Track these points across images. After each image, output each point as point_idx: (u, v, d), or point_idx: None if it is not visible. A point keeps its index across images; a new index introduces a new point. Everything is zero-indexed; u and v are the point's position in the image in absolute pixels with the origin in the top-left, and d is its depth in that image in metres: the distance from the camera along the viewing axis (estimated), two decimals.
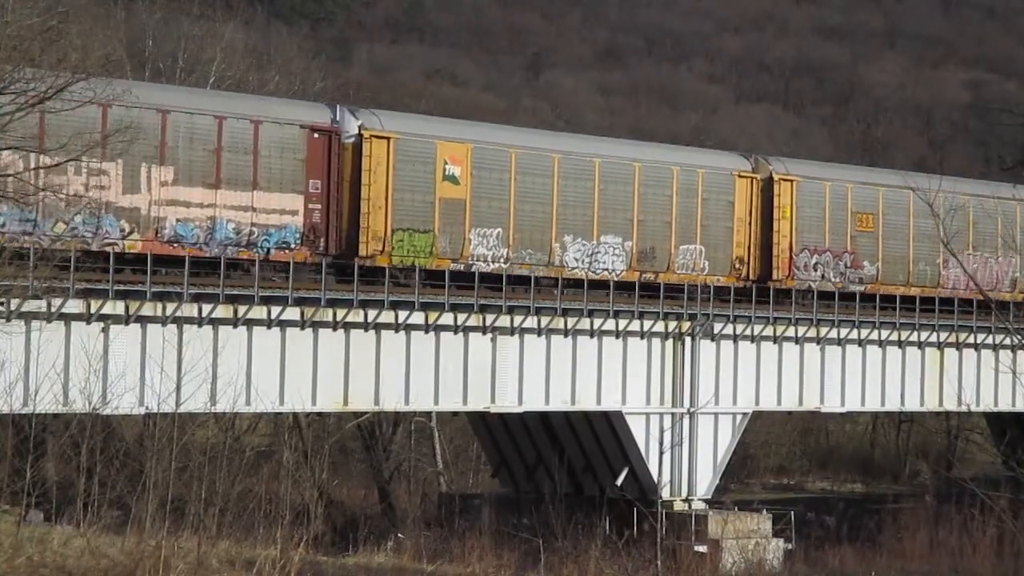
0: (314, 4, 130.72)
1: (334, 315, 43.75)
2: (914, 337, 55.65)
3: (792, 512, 52.28)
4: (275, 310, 42.66)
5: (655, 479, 50.13)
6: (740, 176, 52.56)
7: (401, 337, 45.26)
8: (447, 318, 45.68)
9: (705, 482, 51.36)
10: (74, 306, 39.45)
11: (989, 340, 56.75)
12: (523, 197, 47.21)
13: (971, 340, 56.75)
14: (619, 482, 50.77)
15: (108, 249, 39.90)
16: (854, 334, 54.26)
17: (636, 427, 50.07)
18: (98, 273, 40.03)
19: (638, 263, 49.58)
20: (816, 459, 79.14)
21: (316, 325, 43.67)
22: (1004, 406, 58.65)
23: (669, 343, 50.76)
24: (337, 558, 43.31)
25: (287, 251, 42.98)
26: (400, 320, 44.94)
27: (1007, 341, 55.92)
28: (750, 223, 52.37)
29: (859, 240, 54.91)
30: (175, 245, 41.31)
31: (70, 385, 39.33)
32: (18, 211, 37.67)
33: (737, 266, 51.88)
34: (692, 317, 50.51)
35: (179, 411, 38.02)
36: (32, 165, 37.65)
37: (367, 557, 44.55)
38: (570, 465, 52.01)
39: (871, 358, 55.04)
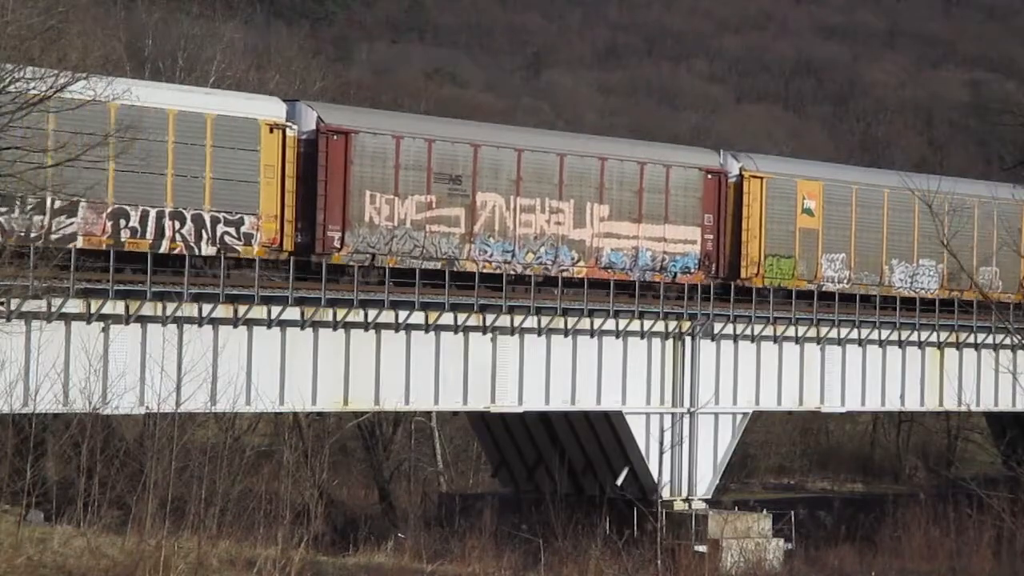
0: (314, 4, 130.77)
1: (334, 315, 43.75)
2: (914, 337, 55.68)
3: (792, 512, 52.33)
4: (275, 310, 42.62)
5: (655, 479, 50.16)
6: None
7: (401, 337, 45.24)
8: (447, 318, 45.70)
9: (705, 482, 51.37)
10: (74, 306, 39.38)
11: (989, 340, 56.79)
12: (861, 227, 54.50)
13: (971, 340, 56.79)
14: (619, 482, 50.79)
15: (563, 275, 47.93)
16: (854, 334, 54.27)
17: (636, 427, 50.06)
18: (98, 273, 40.05)
19: (948, 282, 56.31)
20: (816, 459, 79.17)
21: (316, 325, 43.65)
22: (1004, 406, 58.70)
23: (669, 343, 50.79)
24: (337, 558, 43.37)
25: (688, 275, 50.62)
26: (400, 320, 44.95)
27: (1007, 341, 55.95)
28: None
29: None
30: (608, 271, 48.97)
31: (70, 385, 39.32)
32: (501, 242, 46.51)
33: None
34: (692, 317, 50.56)
35: (179, 411, 38.17)
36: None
37: (367, 557, 44.60)
38: (570, 465, 52.03)
39: (871, 358, 55.05)
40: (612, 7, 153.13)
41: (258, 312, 42.44)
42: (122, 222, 40.15)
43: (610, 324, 49.08)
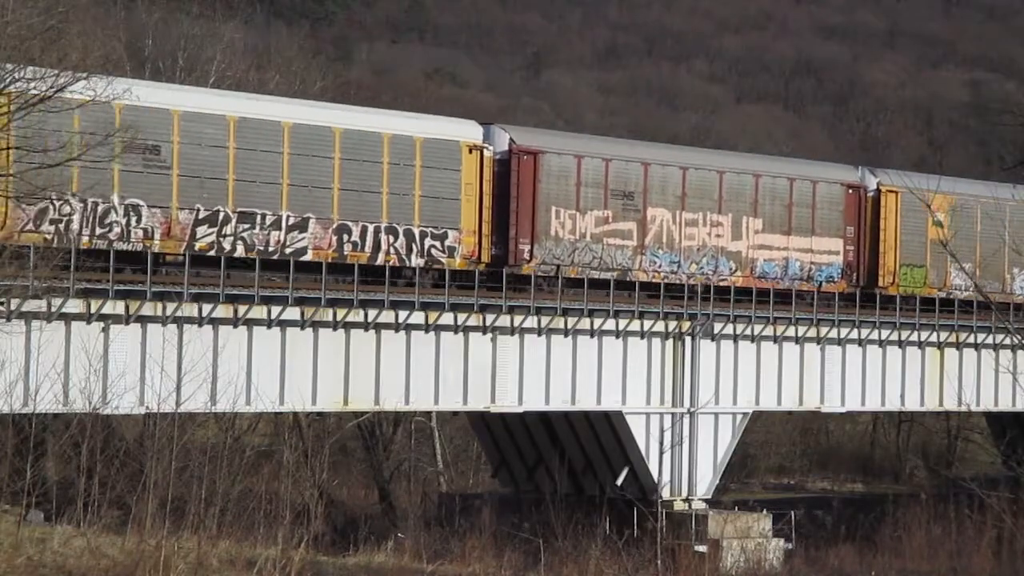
0: (314, 4, 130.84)
1: (334, 315, 43.82)
2: (914, 337, 55.74)
3: (792, 512, 52.39)
4: (275, 310, 42.68)
5: (655, 479, 50.21)
6: None
7: (401, 337, 45.30)
8: (447, 318, 45.75)
9: (705, 482, 51.43)
10: (74, 306, 39.43)
11: (989, 340, 56.86)
12: (984, 238, 57.32)
13: (971, 340, 56.86)
14: (619, 482, 50.85)
15: (724, 284, 51.14)
16: (854, 334, 54.33)
17: (636, 427, 50.11)
18: (98, 273, 40.12)
19: None
20: (816, 459, 79.20)
21: (316, 325, 43.71)
22: (1004, 406, 58.77)
23: (669, 343, 50.86)
24: (337, 558, 43.38)
25: (832, 284, 53.97)
26: (400, 320, 45.00)
27: (1007, 341, 56.01)
28: None
29: None
30: (762, 280, 52.43)
31: (70, 385, 39.37)
32: (668, 253, 49.75)
33: None
34: (692, 317, 50.63)
35: (179, 411, 38.18)
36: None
37: (367, 557, 44.60)
38: (570, 465, 52.09)
39: (871, 358, 55.11)
40: (612, 7, 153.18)
41: (258, 312, 42.51)
42: (344, 236, 44.22)
43: (610, 324, 49.13)
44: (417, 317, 45.19)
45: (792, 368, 53.56)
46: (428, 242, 45.37)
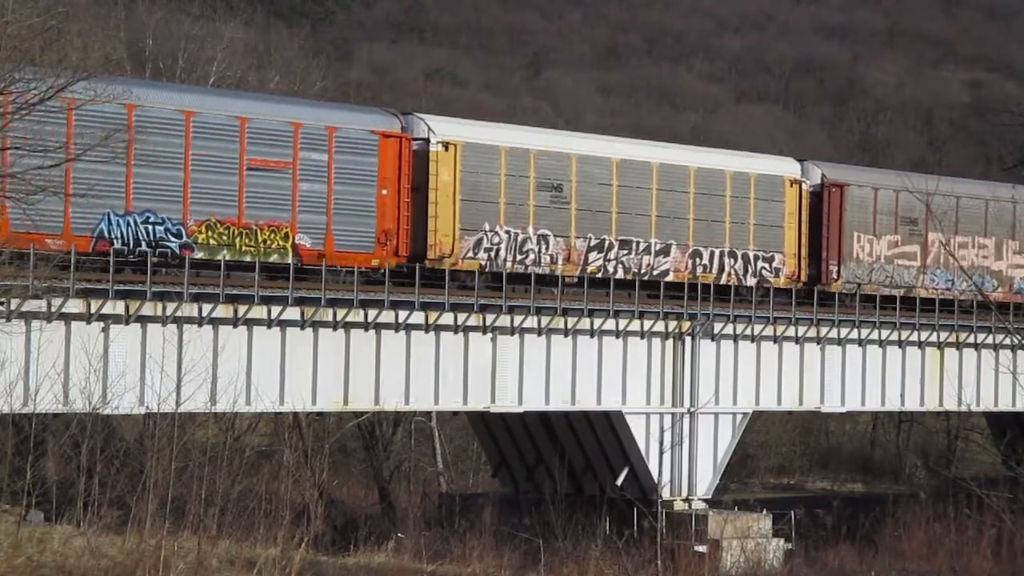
0: (314, 4, 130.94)
1: (334, 315, 43.86)
2: (914, 337, 55.81)
3: (792, 512, 52.45)
4: (275, 310, 42.72)
5: (655, 479, 50.25)
6: None
7: (401, 337, 45.36)
8: (447, 318, 45.80)
9: (705, 482, 51.49)
10: (74, 306, 39.46)
11: (989, 340, 56.93)
12: None
13: (971, 340, 56.95)
14: (619, 482, 50.92)
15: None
16: (854, 334, 54.40)
17: (636, 427, 50.16)
18: (97, 273, 40.16)
19: None
20: (816, 459, 79.29)
21: (316, 325, 43.76)
22: (1004, 406, 58.84)
23: (669, 343, 50.94)
24: (337, 558, 43.48)
25: None
26: (400, 320, 45.05)
27: (1007, 341, 56.08)
28: None
29: None
30: (1019, 295, 58.59)
31: (70, 385, 39.41)
32: (944, 272, 55.92)
33: None
34: (692, 317, 50.72)
35: (179, 411, 38.24)
36: None
37: (367, 557, 44.72)
38: (570, 465, 52.16)
39: (871, 358, 55.18)
40: (612, 7, 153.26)
41: (258, 312, 42.55)
42: (697, 260, 51.14)
43: (610, 324, 49.20)
44: (417, 317, 45.24)
45: (792, 368, 53.61)
46: (760, 264, 52.59)
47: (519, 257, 46.99)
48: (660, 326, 50.32)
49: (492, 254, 46.41)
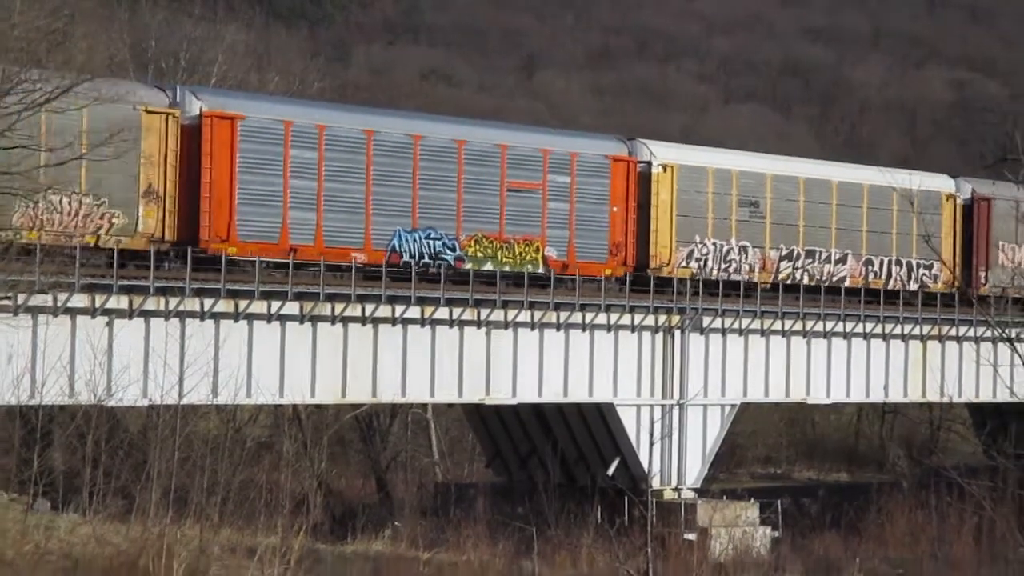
0: (313, 6, 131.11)
1: (332, 309, 44.14)
2: (898, 330, 56.41)
3: (779, 501, 53.09)
4: (275, 305, 43.11)
5: (645, 469, 50.39)
6: None
7: (398, 331, 45.67)
8: (443, 312, 46.16)
9: (694, 472, 51.87)
10: (79, 300, 39.83)
11: (971, 333, 57.64)
12: None
13: (953, 333, 57.57)
14: (610, 472, 51.16)
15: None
16: (840, 327, 54.98)
17: (627, 418, 50.53)
18: (102, 268, 40.80)
19: None
20: (802, 449, 79.52)
21: (315, 319, 44.11)
22: (985, 397, 59.03)
23: (659, 336, 51.32)
24: (336, 546, 44.14)
25: None
26: (397, 314, 45.39)
27: (988, 334, 56.73)
28: None
29: None
30: None
31: (76, 377, 39.82)
32: None
33: None
34: (681, 311, 51.38)
35: (182, 403, 38.73)
36: None
37: (365, 545, 45.35)
38: (563, 455, 52.42)
39: (856, 351, 55.57)
40: (604, 9, 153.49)
41: (258, 307, 42.87)
42: (868, 267, 55.76)
43: (601, 318, 49.63)
44: (413, 312, 45.55)
45: (779, 361, 53.95)
46: (921, 271, 56.94)
47: (723, 266, 52.08)
48: (650, 320, 50.74)
49: (701, 263, 51.60)
